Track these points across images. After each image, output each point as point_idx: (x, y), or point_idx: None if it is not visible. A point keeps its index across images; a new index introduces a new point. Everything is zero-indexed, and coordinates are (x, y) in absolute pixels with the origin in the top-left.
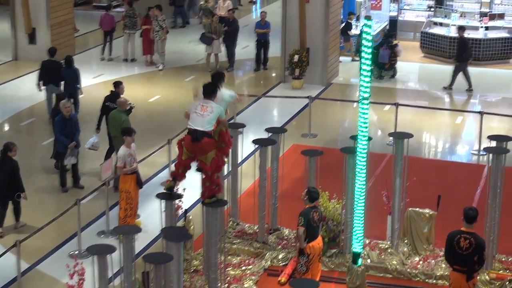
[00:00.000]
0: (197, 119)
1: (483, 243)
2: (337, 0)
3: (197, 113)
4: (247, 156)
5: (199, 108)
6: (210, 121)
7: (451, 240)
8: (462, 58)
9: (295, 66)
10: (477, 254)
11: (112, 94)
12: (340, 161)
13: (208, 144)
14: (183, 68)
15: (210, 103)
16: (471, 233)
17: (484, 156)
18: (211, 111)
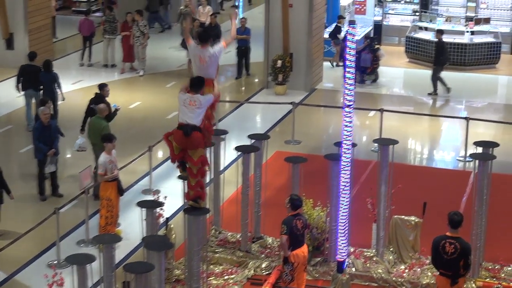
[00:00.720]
0: (187, 114)
1: (468, 248)
2: (320, 5)
3: (186, 107)
4: (230, 163)
5: (188, 102)
6: (199, 115)
7: (436, 246)
8: (439, 61)
9: (278, 72)
10: (463, 259)
11: (97, 97)
12: (324, 168)
13: (199, 139)
14: (164, 74)
15: (197, 97)
16: (456, 238)
17: (470, 163)
18: (199, 105)
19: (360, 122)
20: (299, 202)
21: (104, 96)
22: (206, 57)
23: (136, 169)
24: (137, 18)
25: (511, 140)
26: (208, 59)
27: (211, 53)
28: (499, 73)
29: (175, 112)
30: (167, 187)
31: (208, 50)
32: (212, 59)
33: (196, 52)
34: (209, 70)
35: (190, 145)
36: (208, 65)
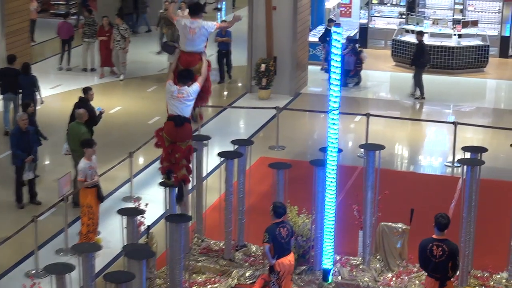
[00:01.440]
0: (177, 105)
1: (456, 249)
2: (305, 7)
3: (174, 98)
4: (213, 169)
5: (176, 94)
6: (188, 107)
7: (423, 249)
8: (419, 63)
9: (262, 76)
10: (451, 261)
11: (81, 101)
12: (309, 174)
13: (189, 130)
14: (144, 79)
15: (184, 88)
16: (443, 240)
17: (458, 168)
18: (187, 96)
19: (346, 127)
20: (282, 209)
21: (89, 99)
22: (196, 27)
23: (116, 176)
24: (118, 22)
25: (499, 145)
26: (198, 30)
27: (201, 24)
28: (487, 76)
29: (157, 117)
30: (148, 194)
31: (198, 22)
32: (201, 30)
33: (186, 22)
34: (197, 41)
35: (180, 136)
36: (197, 36)
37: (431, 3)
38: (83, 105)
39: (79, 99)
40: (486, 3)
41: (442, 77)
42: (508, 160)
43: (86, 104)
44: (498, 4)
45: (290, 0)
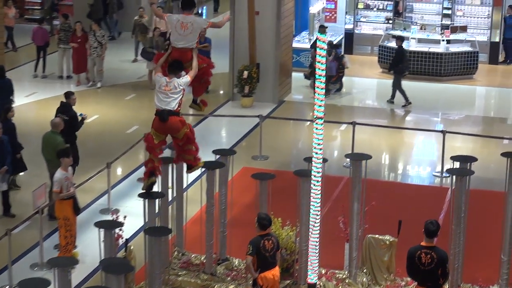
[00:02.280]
0: (162, 98)
1: (445, 256)
2: (289, 12)
3: (161, 91)
4: (193, 180)
5: (163, 87)
6: (175, 100)
7: (411, 257)
8: (398, 69)
9: (245, 83)
10: (440, 268)
11: (63, 105)
12: (293, 185)
13: (177, 122)
14: (123, 86)
15: (173, 81)
16: (432, 247)
17: (447, 178)
18: (175, 89)
19: (331, 136)
20: (267, 221)
21: (71, 104)
22: (188, 23)
23: (93, 187)
24: (94, 28)
25: (489, 154)
26: (190, 25)
27: (193, 19)
28: (476, 83)
29: (135, 126)
30: (127, 206)
31: (190, 17)
32: (194, 26)
33: (179, 18)
34: (189, 37)
35: (170, 130)
36: (189, 31)
37: (419, 8)
38: (66, 110)
39: (61, 104)
40: (475, 8)
41: (430, 84)
42: (498, 169)
43: (68, 109)
44: (488, 9)
45: (273, 5)
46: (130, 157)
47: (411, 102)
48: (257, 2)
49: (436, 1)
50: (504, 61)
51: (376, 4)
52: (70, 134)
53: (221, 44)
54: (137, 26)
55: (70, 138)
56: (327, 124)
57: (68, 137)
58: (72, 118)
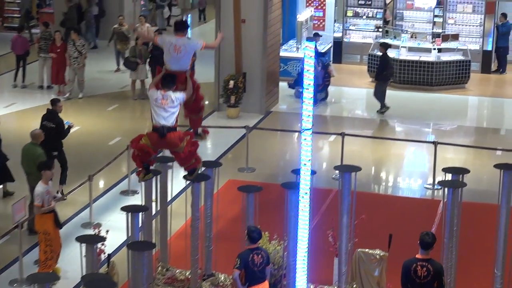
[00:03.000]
0: (161, 113)
1: (441, 269)
2: (276, 20)
3: (158, 107)
4: (178, 193)
5: (160, 100)
6: (173, 115)
7: (407, 270)
8: (382, 77)
9: (231, 93)
10: (436, 281)
11: (49, 113)
12: (281, 197)
13: (175, 138)
14: (105, 96)
15: (169, 94)
16: (427, 259)
17: (439, 191)
18: (172, 103)
19: (320, 147)
20: (256, 234)
21: (57, 112)
22: (181, 45)
23: (75, 200)
24: (74, 37)
25: (482, 166)
26: (183, 47)
27: (187, 41)
28: (468, 93)
29: (118, 137)
30: (109, 220)
31: (184, 39)
32: (187, 48)
33: (172, 40)
34: (182, 60)
35: (168, 146)
36: (182, 54)
37: (409, 16)
38: (52, 117)
39: (47, 111)
40: (467, 15)
41: (421, 94)
42: (491, 181)
43: (54, 116)
44: (480, 17)
45: (260, 13)
46: (113, 170)
47: (388, 108)
48: (243, 10)
49: (427, 9)
50: (496, 70)
51: (366, 12)
52: (56, 142)
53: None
54: (115, 34)
55: (56, 145)
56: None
57: (54, 145)
58: (58, 126)
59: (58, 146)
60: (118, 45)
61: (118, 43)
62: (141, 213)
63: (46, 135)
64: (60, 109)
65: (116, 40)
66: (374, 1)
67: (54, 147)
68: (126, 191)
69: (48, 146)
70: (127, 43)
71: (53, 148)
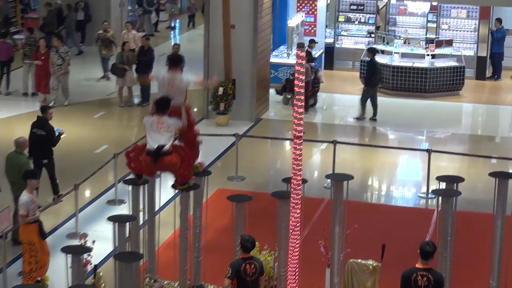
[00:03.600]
0: (155, 137)
1: (441, 279)
2: (266, 26)
3: (153, 130)
4: (166, 202)
5: (155, 125)
6: (168, 138)
7: (407, 280)
8: (371, 82)
9: (220, 100)
10: None
11: (39, 120)
12: (271, 207)
13: (170, 163)
14: (91, 103)
15: (165, 119)
16: (428, 269)
17: (433, 200)
18: (168, 128)
19: (311, 156)
20: (250, 243)
21: (48, 119)
22: (174, 81)
23: (60, 210)
24: (57, 44)
25: (477, 174)
26: (176, 83)
27: (180, 78)
28: (463, 100)
29: (105, 145)
30: (96, 230)
31: (177, 75)
32: (181, 84)
33: (165, 76)
34: (176, 95)
35: (161, 169)
36: (175, 90)
37: (402, 21)
38: (42, 124)
39: (37, 119)
40: (461, 21)
41: (414, 101)
42: (486, 190)
43: (45, 124)
44: (474, 22)
45: (249, 18)
46: (99, 178)
47: (365, 118)
48: (233, 15)
49: (420, 14)
50: (491, 76)
51: (358, 17)
52: (46, 150)
53: (195, 59)
54: (99, 40)
55: (46, 153)
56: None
57: (44, 153)
58: (49, 133)
59: (48, 154)
60: (103, 51)
61: (103, 49)
62: (128, 223)
63: (36, 142)
64: (50, 116)
65: (101, 46)
66: (367, 6)
67: (44, 155)
68: (113, 200)
69: (37, 154)
70: (112, 49)
71: (42, 156)
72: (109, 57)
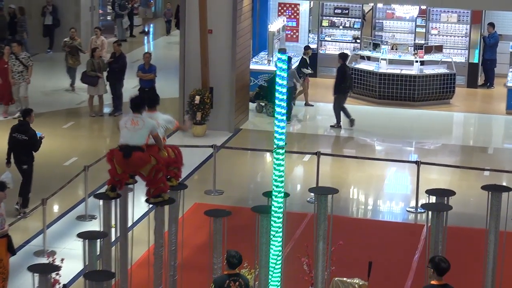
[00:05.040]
0: (128, 134)
1: None
2: (245, 31)
3: (127, 128)
4: (139, 218)
5: (129, 122)
6: (142, 136)
7: None
8: (340, 89)
9: (197, 109)
10: None
11: (21, 124)
12: (251, 222)
13: (141, 159)
14: (60, 113)
15: (140, 117)
16: (444, 285)
17: (422, 214)
18: (142, 125)
19: (294, 168)
20: (236, 260)
21: (29, 123)
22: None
23: (26, 226)
24: (16, 50)
25: (469, 188)
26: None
27: (159, 117)
28: (454, 109)
29: (74, 157)
30: (65, 247)
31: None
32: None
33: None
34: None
35: (132, 167)
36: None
37: (389, 26)
38: (24, 129)
39: (19, 123)
40: (452, 25)
41: (402, 110)
42: (478, 204)
43: (27, 128)
44: (465, 27)
45: (228, 23)
46: (68, 193)
47: (341, 126)
48: (210, 19)
49: (409, 19)
50: (483, 84)
51: (343, 21)
52: (27, 155)
53: (170, 66)
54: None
55: (27, 158)
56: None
57: (25, 158)
58: (32, 138)
59: (29, 159)
60: (70, 60)
61: (69, 58)
62: (99, 239)
63: (16, 147)
64: (32, 120)
65: (68, 55)
66: (352, 10)
67: (24, 161)
68: (83, 216)
69: (18, 159)
70: (79, 58)
71: (23, 161)
72: (76, 67)
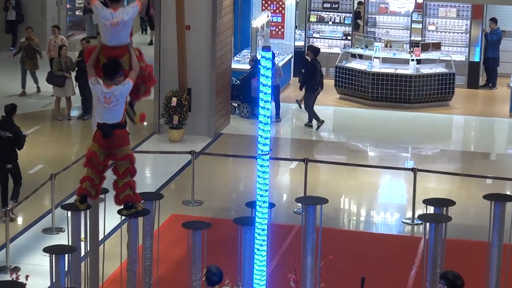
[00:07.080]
0: (104, 112)
1: None
2: (226, 26)
3: (101, 105)
4: (111, 231)
5: (102, 99)
6: (118, 111)
7: None
8: (309, 87)
9: (173, 112)
10: None
11: (5, 121)
12: (233, 235)
13: (121, 136)
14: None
15: (113, 92)
16: None
17: (419, 226)
18: (116, 102)
19: (279, 176)
20: (217, 277)
21: (13, 120)
22: (119, 19)
23: None
24: None
25: (470, 197)
26: (121, 21)
27: (123, 13)
28: (453, 112)
29: (40, 165)
30: (30, 263)
31: (119, 11)
32: (126, 20)
33: (107, 15)
34: (122, 33)
35: (114, 145)
36: (120, 28)
37: (383, 22)
38: (8, 126)
39: (2, 120)
40: (451, 21)
41: (398, 112)
42: (480, 215)
43: (11, 125)
44: (465, 23)
45: (207, 18)
46: (34, 203)
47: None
48: (188, 14)
49: (404, 13)
50: (485, 84)
51: (332, 17)
52: (12, 153)
53: None
54: (24, 51)
55: (12, 157)
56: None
57: (9, 156)
58: (16, 135)
59: (13, 157)
60: (27, 64)
61: (26, 61)
62: (68, 254)
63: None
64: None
65: (24, 57)
66: (342, 4)
67: (9, 159)
68: (49, 228)
69: (2, 158)
70: (37, 61)
71: (7, 160)
72: (34, 70)
